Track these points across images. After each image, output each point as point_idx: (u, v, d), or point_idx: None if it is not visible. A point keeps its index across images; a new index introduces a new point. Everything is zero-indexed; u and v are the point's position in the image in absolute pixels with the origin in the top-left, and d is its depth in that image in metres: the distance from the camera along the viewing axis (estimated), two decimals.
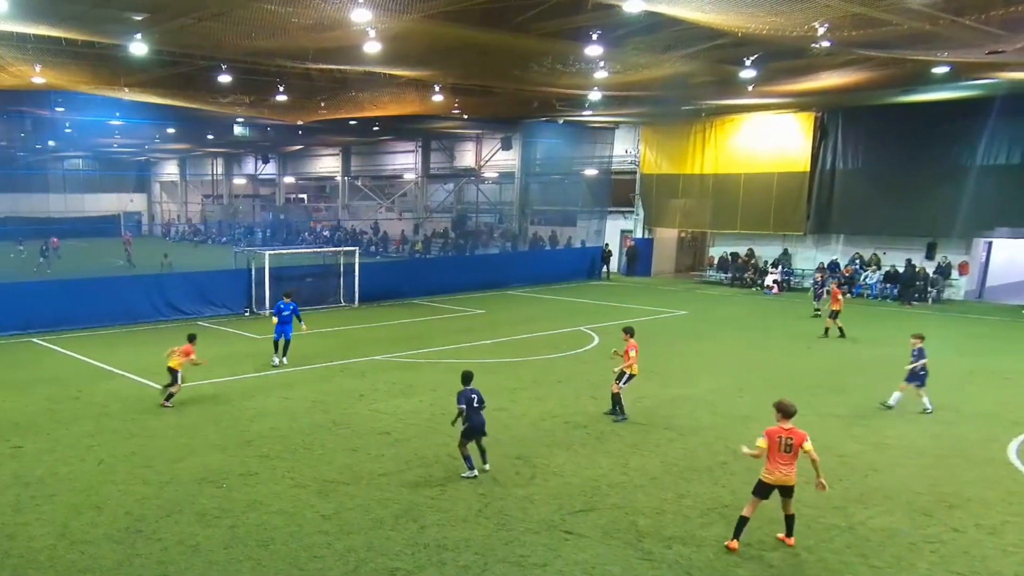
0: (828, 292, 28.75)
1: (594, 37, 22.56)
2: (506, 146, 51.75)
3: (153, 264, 41.13)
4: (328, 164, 70.86)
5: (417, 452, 14.07)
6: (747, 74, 27.11)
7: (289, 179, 77.45)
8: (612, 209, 47.89)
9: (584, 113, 40.40)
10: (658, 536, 10.66)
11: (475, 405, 12.80)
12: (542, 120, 46.40)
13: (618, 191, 47.64)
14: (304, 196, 78.02)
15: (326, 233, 63.59)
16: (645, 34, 23.17)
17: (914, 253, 35.81)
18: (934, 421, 16.16)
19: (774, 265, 39.58)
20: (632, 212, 46.88)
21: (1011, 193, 32.46)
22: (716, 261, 42.73)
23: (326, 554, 10.08)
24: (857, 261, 37.54)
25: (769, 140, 40.01)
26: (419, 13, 20.05)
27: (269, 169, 76.40)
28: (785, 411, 10.34)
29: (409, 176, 63.90)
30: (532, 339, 25.29)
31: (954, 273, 35.21)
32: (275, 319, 21.24)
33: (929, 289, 34.55)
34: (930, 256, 35.80)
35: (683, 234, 47.78)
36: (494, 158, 55.72)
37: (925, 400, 16.76)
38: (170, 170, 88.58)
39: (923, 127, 34.31)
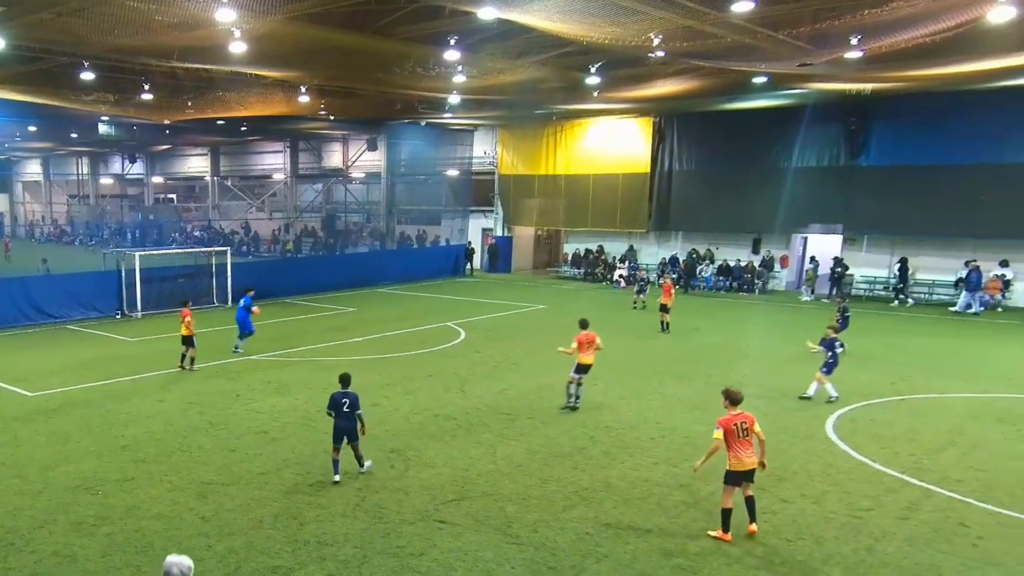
0: (660, 286, 29.38)
1: (452, 42, 22.59)
2: (372, 147, 51.16)
3: (29, 267, 38.44)
4: (197, 164, 68.07)
5: (294, 450, 13.81)
6: (592, 80, 27.76)
7: (158, 179, 73.97)
8: (474, 208, 48.12)
9: (445, 115, 40.33)
10: (525, 521, 10.87)
11: (344, 410, 12.17)
12: (405, 122, 46.07)
13: (479, 191, 47.87)
14: (173, 196, 74.70)
15: (197, 233, 61.18)
16: (499, 41, 23.48)
17: (742, 248, 37.63)
18: (763, 401, 17.00)
19: (622, 261, 40.63)
20: (492, 211, 47.21)
21: (821, 193, 34.34)
22: (570, 257, 43.59)
23: (206, 556, 9.76)
24: (694, 256, 38.98)
25: (614, 143, 40.94)
26: (283, 14, 19.53)
27: (137, 169, 72.72)
28: (733, 398, 10.49)
29: (278, 176, 62.27)
30: (402, 335, 25.19)
31: (776, 266, 37.07)
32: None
33: (756, 281, 36.33)
34: (756, 251, 37.56)
35: (539, 232, 48.38)
36: (361, 159, 55.01)
37: (829, 388, 16.92)
38: (33, 169, 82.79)
39: (746, 132, 35.90)
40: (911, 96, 30.44)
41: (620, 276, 39.54)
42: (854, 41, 20.59)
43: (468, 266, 44.40)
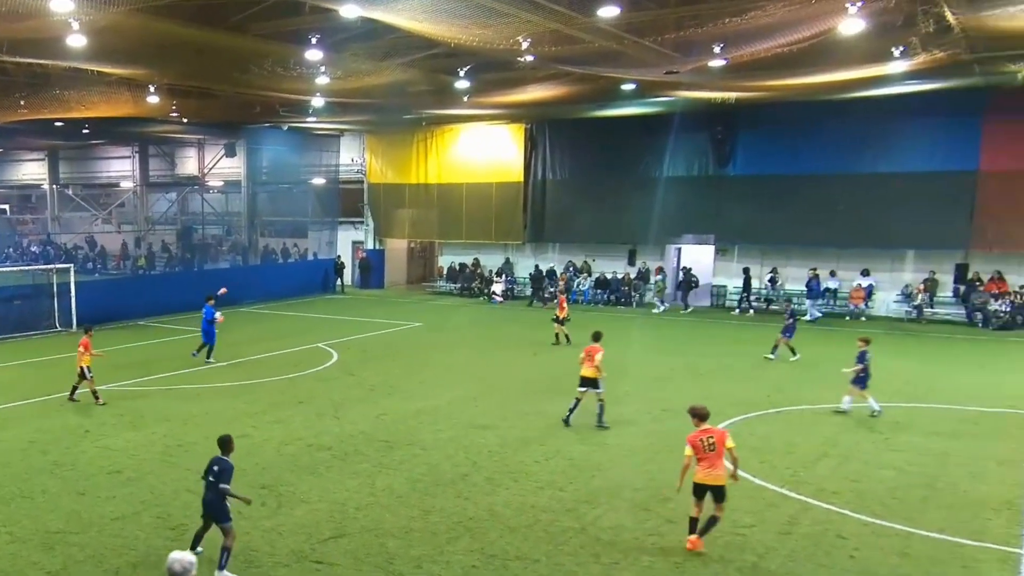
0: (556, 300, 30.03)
1: (313, 41, 22.13)
2: (230, 153, 49.40)
3: None
4: (33, 170, 63.94)
5: (153, 490, 13.17)
6: (462, 84, 27.88)
7: None
8: (343, 220, 47.25)
9: (308, 119, 39.45)
10: (407, 557, 10.72)
11: (210, 478, 10.25)
12: (266, 126, 44.64)
13: (347, 201, 47.02)
14: (6, 207, 69.88)
15: (35, 249, 57.61)
16: (364, 40, 23.25)
17: (619, 259, 38.47)
18: (647, 418, 17.49)
19: (498, 274, 40.72)
20: (362, 222, 46.58)
21: (692, 203, 35.45)
22: (445, 271, 43.43)
23: None
24: (571, 268, 39.54)
25: (486, 150, 41.00)
26: (126, 6, 18.51)
27: None
28: (699, 415, 11.02)
29: (127, 184, 59.20)
30: (269, 358, 24.50)
31: (652, 278, 37.67)
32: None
33: (633, 293, 37.17)
34: (632, 262, 38.38)
35: (413, 245, 48.04)
36: (218, 165, 53.08)
37: (871, 401, 17.28)
38: None
39: (617, 140, 36.58)
40: (773, 106, 31.96)
41: (494, 291, 39.68)
42: (717, 49, 21.55)
43: (338, 282, 43.60)
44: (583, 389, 16.78)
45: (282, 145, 48.05)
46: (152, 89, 30.30)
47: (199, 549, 10.31)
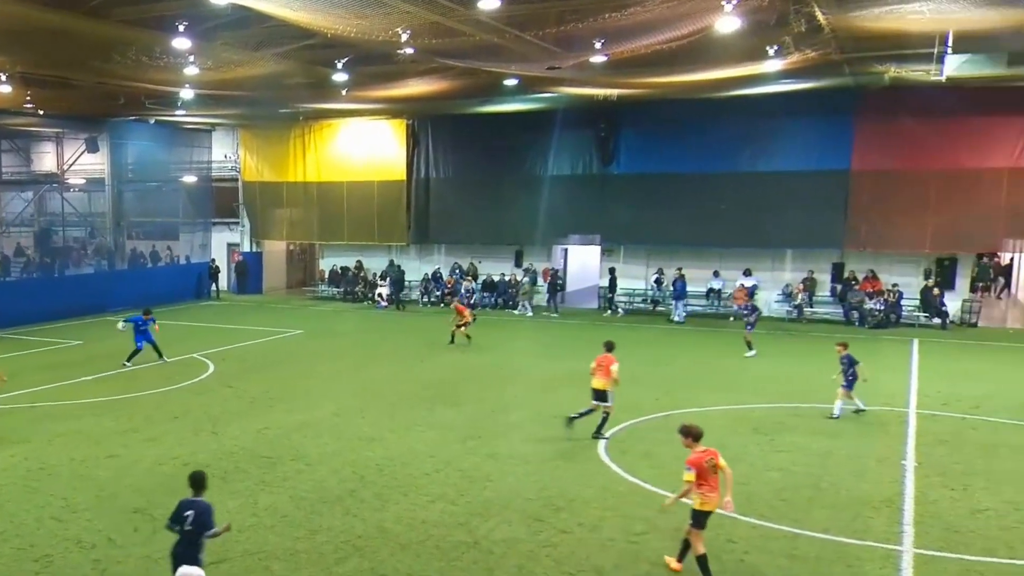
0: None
1: (181, 28, 21.33)
2: (92, 148, 46.85)
3: None
4: None
5: (13, 519, 12.46)
6: (340, 77, 27.50)
7: None
8: (216, 220, 45.53)
9: (177, 113, 38.00)
10: None
11: (186, 527, 9.03)
12: (131, 119, 42.72)
13: (221, 200, 45.33)
14: None
15: None
16: (235, 29, 22.62)
17: (506, 261, 38.64)
18: (537, 425, 17.66)
19: (382, 277, 40.25)
20: (238, 223, 45.28)
21: (578, 202, 35.84)
22: (327, 275, 42.67)
23: None
24: (457, 271, 39.48)
25: (367, 147, 40.39)
26: None
27: None
28: (695, 434, 10.50)
29: None
30: (140, 371, 23.52)
31: (539, 280, 38.04)
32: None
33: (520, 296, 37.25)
34: (518, 264, 38.59)
35: (292, 247, 47.06)
36: (80, 162, 50.36)
37: (857, 401, 18.30)
38: None
39: (502, 138, 36.51)
40: (655, 104, 32.69)
41: (380, 295, 39.32)
42: (598, 45, 22.00)
43: (213, 287, 42.38)
44: (596, 402, 16.60)
45: (150, 140, 45.90)
46: (3, 78, 28.55)
47: None
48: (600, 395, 16.59)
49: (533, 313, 35.38)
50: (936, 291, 31.28)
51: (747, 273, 34.04)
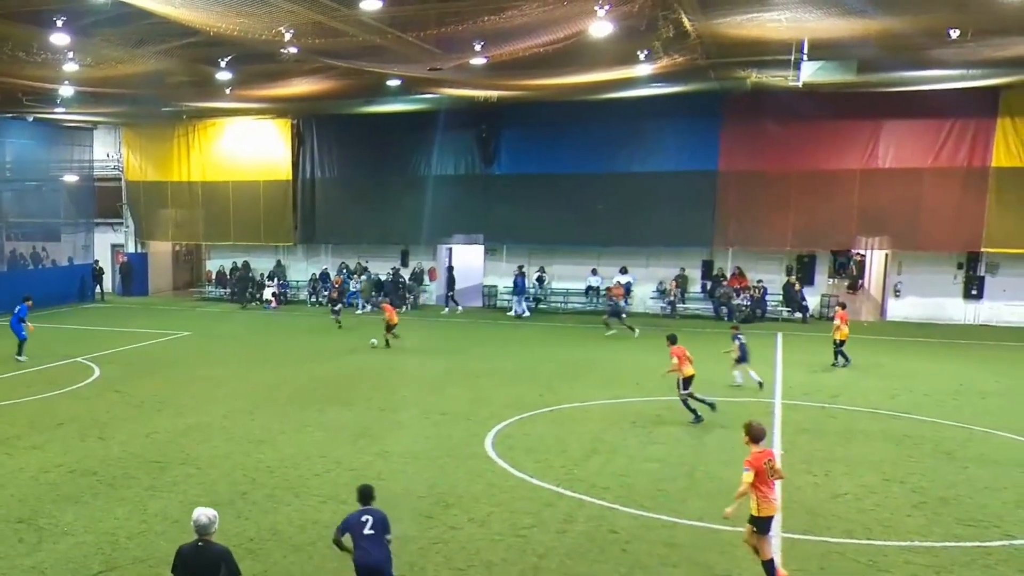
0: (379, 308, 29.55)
1: (59, 24, 20.41)
2: None
3: None
4: None
5: None
6: (223, 76, 26.83)
7: None
8: (99, 221, 43.49)
9: (57, 110, 36.17)
10: None
11: (366, 531, 9.12)
12: (9, 116, 40.53)
13: (104, 200, 43.36)
14: None
15: None
16: (116, 25, 21.76)
17: (393, 261, 38.23)
18: (426, 423, 17.67)
19: (270, 278, 39.38)
20: (122, 224, 43.45)
21: (461, 202, 35.88)
22: (214, 276, 41.37)
23: None
24: (344, 271, 38.87)
25: (252, 147, 39.44)
26: None
27: None
28: (756, 435, 10.01)
29: None
30: (21, 376, 22.36)
31: (426, 279, 38.08)
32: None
33: (407, 295, 37.08)
34: (404, 263, 38.31)
35: (178, 247, 45.42)
36: None
37: (753, 374, 20.28)
38: None
39: (386, 138, 36.23)
40: (535, 106, 33.03)
41: (272, 295, 38.46)
42: (478, 47, 22.14)
43: (98, 289, 40.55)
44: (689, 390, 17.55)
45: (28, 138, 43.50)
46: None
47: None
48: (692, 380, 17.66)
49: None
50: (797, 287, 32.72)
51: (623, 271, 34.69)
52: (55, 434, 16.78)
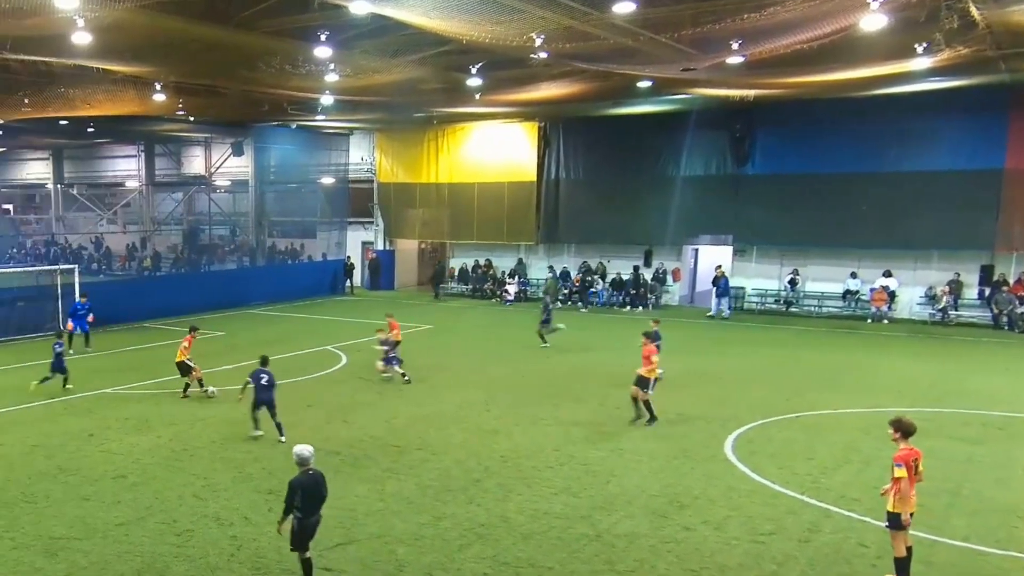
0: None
1: (323, 38, 22.14)
2: (237, 152, 49.46)
3: None
4: (37, 169, 64.31)
5: (159, 495, 13.21)
6: (474, 82, 27.88)
7: None
8: (352, 220, 47.27)
9: (317, 118, 39.55)
10: (418, 564, 10.73)
11: (263, 383, 15.87)
12: (274, 124, 44.85)
13: (356, 201, 47.09)
14: (10, 207, 70.25)
15: (39, 249, 57.94)
16: (374, 37, 23.14)
17: (635, 261, 38.25)
18: (663, 423, 17.41)
19: (511, 276, 40.71)
20: (372, 223, 46.70)
21: (710, 203, 35.40)
22: (456, 272, 43.42)
23: None
24: (584, 270, 39.43)
25: (498, 149, 41.03)
26: (133, 3, 18.58)
27: None
28: (906, 430, 10.02)
29: (132, 184, 59.49)
30: (277, 361, 24.08)
31: (669, 279, 37.83)
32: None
33: (648, 296, 36.97)
34: (648, 263, 38.25)
35: (423, 245, 48.15)
36: (225, 164, 53.16)
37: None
38: None
39: (633, 139, 36.65)
40: (793, 104, 31.95)
41: (506, 291, 39.68)
42: (735, 46, 21.45)
43: (348, 283, 43.77)
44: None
45: (290, 144, 48.16)
46: (158, 87, 30.39)
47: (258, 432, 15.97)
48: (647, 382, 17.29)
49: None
50: None
51: (887, 274, 32.63)
52: (304, 415, 18.18)
